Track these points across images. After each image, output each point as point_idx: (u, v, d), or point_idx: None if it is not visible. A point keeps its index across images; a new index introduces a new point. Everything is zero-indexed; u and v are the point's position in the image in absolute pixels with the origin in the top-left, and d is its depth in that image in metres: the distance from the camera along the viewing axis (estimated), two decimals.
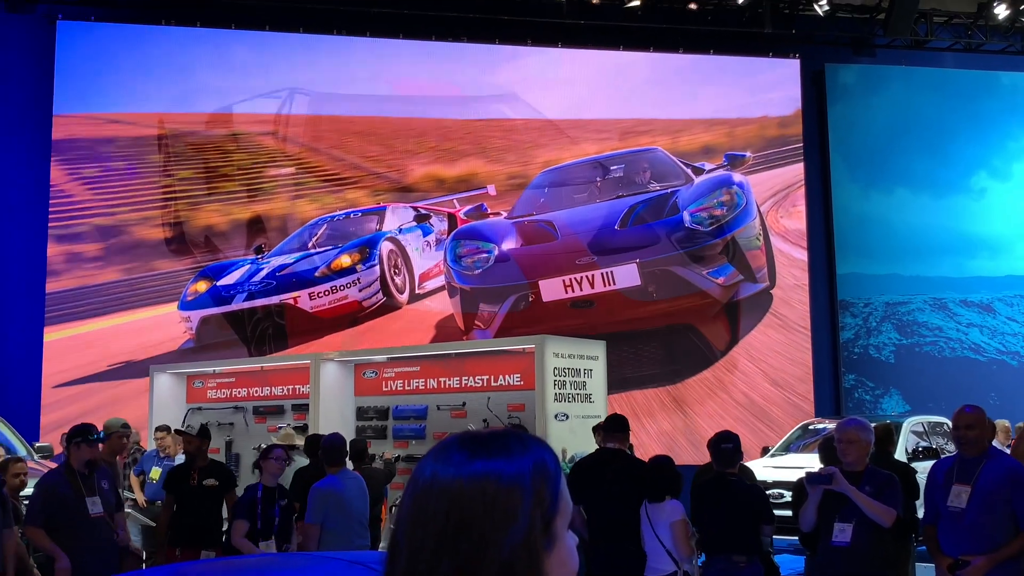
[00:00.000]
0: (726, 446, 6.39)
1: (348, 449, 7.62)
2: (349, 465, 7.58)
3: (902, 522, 5.56)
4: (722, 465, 6.39)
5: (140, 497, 9.95)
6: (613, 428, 6.96)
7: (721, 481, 6.34)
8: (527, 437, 1.39)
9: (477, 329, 14.46)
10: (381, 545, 7.89)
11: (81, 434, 6.74)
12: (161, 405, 11.41)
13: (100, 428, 7.40)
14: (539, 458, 1.36)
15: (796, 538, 6.89)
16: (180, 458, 9.36)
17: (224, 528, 7.98)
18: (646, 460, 6.98)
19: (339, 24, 15.78)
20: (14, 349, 14.39)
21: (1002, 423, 11.14)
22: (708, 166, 15.57)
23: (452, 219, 15.58)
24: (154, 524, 8.91)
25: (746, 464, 8.57)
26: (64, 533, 6.48)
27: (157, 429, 10.42)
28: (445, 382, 9.70)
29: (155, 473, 9.82)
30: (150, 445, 10.76)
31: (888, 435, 7.82)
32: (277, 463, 7.03)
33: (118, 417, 8.52)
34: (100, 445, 7.10)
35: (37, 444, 11.11)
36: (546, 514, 1.32)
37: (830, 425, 11.55)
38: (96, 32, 15.19)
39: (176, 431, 9.70)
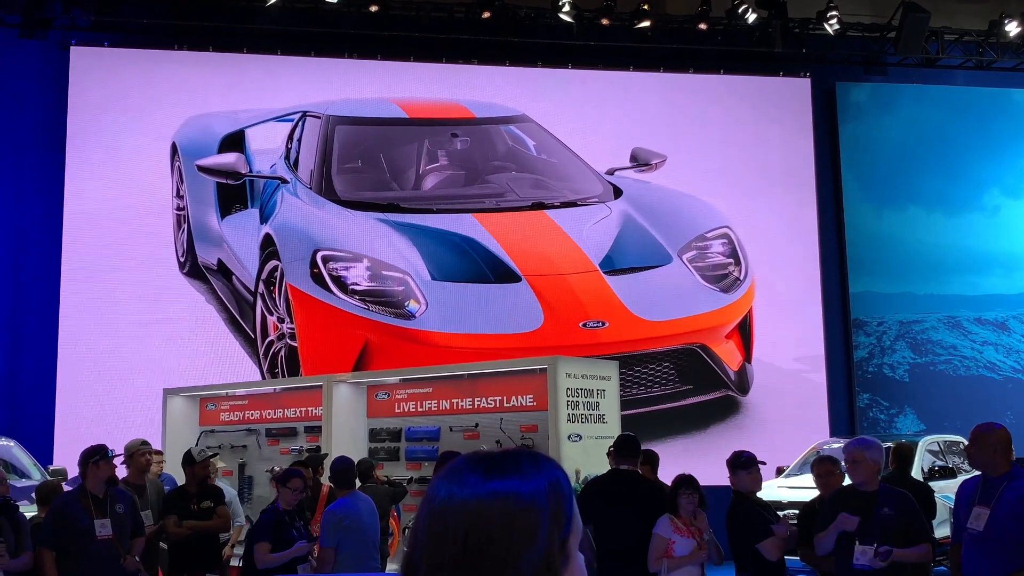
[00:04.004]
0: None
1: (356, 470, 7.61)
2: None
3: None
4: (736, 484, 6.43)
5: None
6: (624, 449, 6.89)
7: (734, 500, 6.41)
8: (539, 456, 1.39)
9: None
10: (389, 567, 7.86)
11: (98, 452, 6.75)
12: (174, 428, 11.41)
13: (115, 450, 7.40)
14: (553, 477, 1.35)
15: (797, 558, 6.71)
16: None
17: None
18: (663, 480, 6.95)
19: (350, 48, 15.86)
20: (27, 373, 14.41)
21: None
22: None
23: None
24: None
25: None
26: (69, 555, 6.49)
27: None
28: (458, 403, 9.66)
29: None
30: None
31: (909, 454, 7.73)
32: (294, 494, 6.91)
33: (137, 438, 8.54)
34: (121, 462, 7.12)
35: (51, 467, 11.11)
36: (562, 532, 1.31)
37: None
38: (109, 57, 15.29)
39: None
